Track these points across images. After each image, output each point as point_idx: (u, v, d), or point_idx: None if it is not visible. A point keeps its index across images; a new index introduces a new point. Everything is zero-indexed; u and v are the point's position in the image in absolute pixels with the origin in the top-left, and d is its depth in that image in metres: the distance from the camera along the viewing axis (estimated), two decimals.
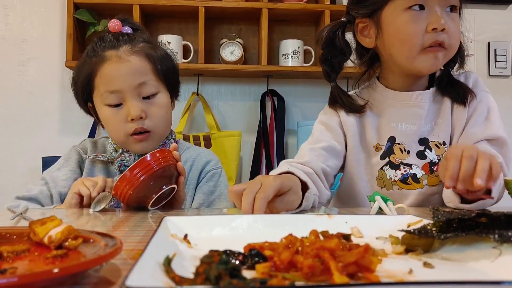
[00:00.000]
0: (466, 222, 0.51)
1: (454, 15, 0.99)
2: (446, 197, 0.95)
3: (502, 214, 0.50)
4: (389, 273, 0.42)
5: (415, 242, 0.51)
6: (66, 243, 0.47)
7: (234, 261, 0.44)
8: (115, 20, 1.13)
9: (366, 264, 0.40)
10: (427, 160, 1.06)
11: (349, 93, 1.14)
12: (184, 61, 2.07)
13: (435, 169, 1.05)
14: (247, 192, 0.74)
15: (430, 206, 1.00)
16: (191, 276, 0.39)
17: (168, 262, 0.40)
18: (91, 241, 0.48)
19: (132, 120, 1.06)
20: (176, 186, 0.93)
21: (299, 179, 0.87)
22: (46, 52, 2.15)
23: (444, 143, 1.06)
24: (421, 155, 1.06)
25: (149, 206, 0.89)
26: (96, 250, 0.45)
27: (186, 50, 2.10)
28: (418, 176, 1.05)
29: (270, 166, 2.12)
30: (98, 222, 0.78)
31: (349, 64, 1.17)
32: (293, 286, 0.36)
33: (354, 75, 1.17)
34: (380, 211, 0.84)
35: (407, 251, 0.51)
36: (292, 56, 2.08)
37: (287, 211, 0.83)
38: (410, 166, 1.06)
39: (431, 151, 1.06)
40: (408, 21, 0.97)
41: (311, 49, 2.13)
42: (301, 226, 0.56)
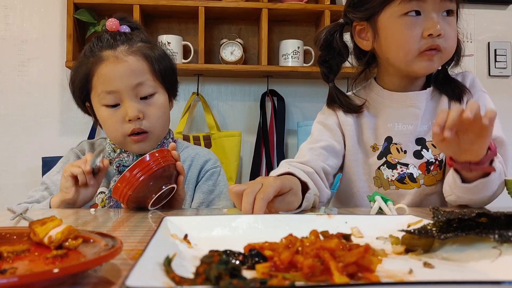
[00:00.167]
0: (466, 222, 0.51)
1: (451, 19, 0.99)
2: (447, 188, 0.95)
3: (502, 214, 0.50)
4: (389, 273, 0.42)
5: (415, 242, 0.51)
6: (66, 243, 0.47)
7: (234, 261, 0.44)
8: (113, 19, 1.12)
9: (366, 264, 0.40)
10: (424, 159, 1.06)
11: (347, 93, 1.15)
12: (184, 61, 2.06)
13: (432, 168, 1.05)
14: (248, 192, 0.74)
15: (427, 205, 1.01)
16: (191, 276, 0.39)
17: (168, 262, 0.40)
18: (91, 241, 0.48)
19: (129, 120, 1.06)
20: (175, 186, 0.93)
21: (300, 180, 0.87)
22: (46, 52, 2.15)
23: None
24: (417, 155, 1.06)
25: (149, 206, 0.89)
26: (96, 250, 0.45)
27: (186, 50, 2.10)
28: (415, 175, 1.06)
29: (270, 166, 2.12)
30: (98, 222, 0.78)
31: (348, 64, 1.17)
32: (293, 286, 0.36)
33: (354, 75, 1.18)
34: (380, 211, 0.84)
35: (407, 251, 0.51)
36: (292, 56, 2.08)
37: (287, 212, 0.83)
38: (407, 165, 1.06)
39: (428, 151, 1.06)
40: (404, 27, 0.97)
41: (311, 49, 2.13)
42: (301, 226, 0.56)
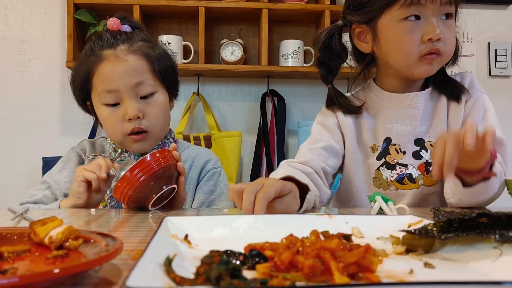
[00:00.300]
0: (467, 222, 0.51)
1: (450, 22, 0.99)
2: (448, 191, 0.95)
3: (503, 214, 0.50)
4: (389, 273, 0.42)
5: (416, 242, 0.51)
6: (67, 244, 0.47)
7: (234, 261, 0.44)
8: (114, 18, 1.12)
9: (366, 264, 0.40)
10: (423, 160, 1.06)
11: (345, 94, 1.15)
12: (184, 61, 2.07)
13: (431, 169, 1.05)
14: (248, 190, 0.74)
15: (426, 206, 1.01)
16: (192, 276, 0.39)
17: (168, 262, 0.40)
18: (92, 241, 0.48)
19: (129, 119, 1.06)
20: (176, 186, 0.93)
21: (300, 183, 0.87)
22: (46, 52, 2.15)
23: None
24: (416, 156, 1.06)
25: (149, 207, 0.89)
26: (96, 251, 0.45)
27: (187, 51, 2.10)
28: (414, 176, 1.06)
29: (270, 166, 2.12)
30: (98, 222, 0.78)
31: (346, 65, 1.17)
32: (293, 287, 0.36)
33: (354, 76, 1.17)
34: (380, 211, 0.84)
35: (408, 252, 0.51)
36: (292, 56, 2.08)
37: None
38: (406, 166, 1.06)
39: (427, 152, 1.06)
40: (404, 31, 0.97)
41: (311, 49, 2.13)
42: (301, 226, 0.56)
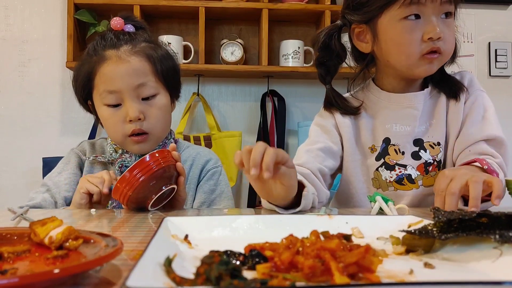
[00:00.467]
0: (467, 222, 0.51)
1: (449, 21, 0.99)
2: None
3: (503, 215, 0.50)
4: (389, 273, 0.42)
5: (416, 243, 0.51)
6: (67, 244, 0.47)
7: (234, 261, 0.44)
8: (118, 18, 1.12)
9: (366, 264, 0.40)
10: (422, 160, 1.06)
11: (344, 95, 1.15)
12: (184, 61, 2.06)
13: (430, 169, 1.06)
14: (258, 146, 0.73)
15: (425, 206, 1.01)
16: (192, 276, 0.39)
17: (168, 262, 0.40)
18: (92, 241, 0.48)
19: (130, 121, 1.06)
20: (176, 187, 0.93)
21: None
22: (46, 52, 2.15)
23: (439, 144, 1.06)
24: (416, 156, 1.06)
25: (149, 207, 0.89)
26: (96, 251, 0.45)
27: (187, 51, 2.10)
28: (413, 176, 1.06)
29: None
30: (98, 222, 0.78)
31: (345, 65, 1.17)
32: (293, 287, 0.36)
33: (354, 76, 1.17)
34: (380, 212, 0.84)
35: (408, 252, 0.51)
36: (292, 56, 2.08)
37: (286, 211, 0.83)
38: (405, 167, 1.06)
39: (426, 152, 1.06)
40: (404, 31, 0.97)
41: (312, 49, 2.12)
42: (301, 226, 0.57)
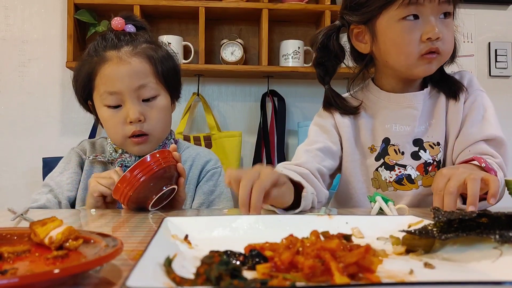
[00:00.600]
0: (467, 222, 0.51)
1: (448, 21, 0.99)
2: None
3: (503, 215, 0.50)
4: (389, 273, 0.42)
5: (416, 243, 0.51)
6: (67, 244, 0.47)
7: (234, 261, 0.44)
8: (119, 18, 1.11)
9: (366, 264, 0.40)
10: (422, 161, 1.06)
11: (344, 95, 1.15)
12: (184, 61, 2.06)
13: (430, 169, 1.06)
14: (245, 183, 0.74)
15: (425, 206, 1.01)
16: (192, 276, 0.39)
17: (168, 262, 0.40)
18: (92, 241, 0.48)
19: (130, 122, 1.06)
20: (176, 187, 0.93)
21: (293, 180, 0.87)
22: (46, 53, 2.15)
23: (438, 144, 1.06)
24: (415, 156, 1.06)
25: (149, 207, 0.89)
26: (96, 251, 0.45)
27: (187, 51, 2.10)
28: (413, 177, 1.06)
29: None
30: (98, 222, 0.78)
31: (344, 66, 1.17)
32: (293, 287, 0.36)
33: (353, 76, 1.17)
34: (380, 212, 0.84)
35: (408, 252, 0.51)
36: (292, 56, 2.08)
37: (284, 211, 0.83)
38: (404, 167, 1.06)
39: (426, 152, 1.06)
40: (403, 31, 0.97)
41: (312, 49, 2.12)
42: (301, 226, 0.56)
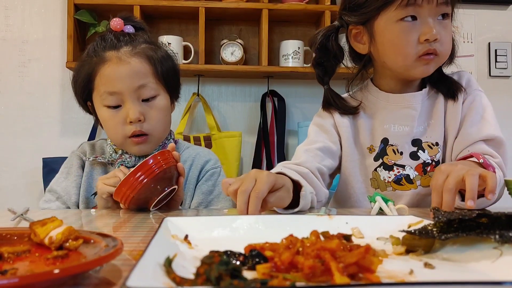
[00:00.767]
0: (467, 222, 0.51)
1: (446, 23, 0.99)
2: None
3: (503, 215, 0.50)
4: (389, 273, 0.42)
5: (416, 243, 0.51)
6: (67, 244, 0.47)
7: (234, 261, 0.44)
8: (117, 19, 1.11)
9: (366, 264, 0.40)
10: (420, 161, 1.06)
11: (343, 95, 1.15)
12: (184, 62, 2.07)
13: (428, 169, 1.06)
14: (242, 191, 0.74)
15: (424, 206, 1.01)
16: (192, 276, 0.39)
17: (168, 262, 0.40)
18: (92, 242, 0.48)
19: (130, 122, 1.06)
20: (176, 187, 0.93)
21: (291, 179, 0.87)
22: (46, 53, 2.15)
23: (437, 144, 1.06)
24: (414, 156, 1.06)
25: (150, 208, 0.90)
26: (96, 251, 0.45)
27: (187, 51, 2.10)
28: (412, 177, 1.06)
29: (270, 166, 2.12)
30: (99, 223, 0.78)
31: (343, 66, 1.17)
32: (293, 287, 0.36)
33: (352, 76, 1.17)
34: (380, 212, 0.84)
35: (408, 252, 0.51)
36: (292, 56, 2.08)
37: (283, 211, 0.83)
38: (403, 167, 1.06)
39: (424, 152, 1.06)
40: (401, 32, 0.97)
41: None
42: (301, 226, 0.56)
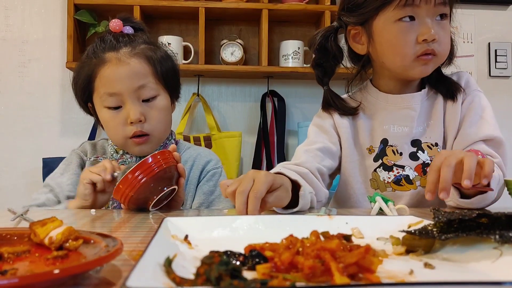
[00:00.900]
0: (467, 222, 0.51)
1: (444, 23, 0.99)
2: None
3: (503, 215, 0.50)
4: (390, 273, 0.42)
5: (416, 243, 0.51)
6: (67, 244, 0.47)
7: (234, 262, 0.44)
8: (116, 20, 1.12)
9: (366, 264, 0.40)
10: (420, 161, 1.06)
11: (342, 96, 1.15)
12: (184, 62, 2.07)
13: (428, 170, 1.05)
14: (240, 192, 0.74)
15: (423, 207, 1.01)
16: (192, 277, 0.39)
17: (168, 263, 0.40)
18: (92, 242, 0.48)
19: (131, 123, 1.06)
20: (176, 187, 0.93)
21: (290, 179, 0.87)
22: (46, 53, 2.15)
23: (436, 144, 1.06)
24: (413, 157, 1.06)
25: (150, 208, 0.89)
26: (96, 251, 0.45)
27: (187, 51, 2.10)
28: (411, 177, 1.06)
29: (270, 166, 2.12)
30: (99, 223, 0.78)
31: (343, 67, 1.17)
32: (293, 287, 0.36)
33: (352, 77, 1.17)
34: (380, 212, 0.84)
35: (408, 252, 0.51)
36: (292, 57, 2.09)
37: (282, 211, 0.83)
38: (403, 167, 1.06)
39: (424, 152, 1.06)
40: (399, 32, 0.97)
41: None
42: (301, 227, 0.56)
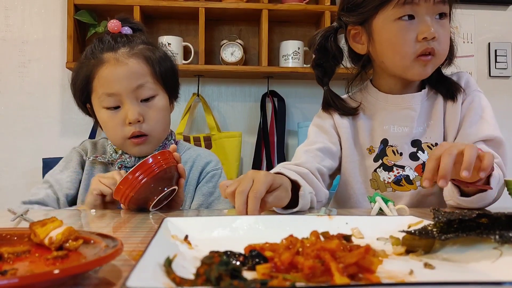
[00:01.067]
0: (467, 222, 0.51)
1: (444, 22, 0.99)
2: (446, 194, 0.95)
3: (503, 215, 0.50)
4: (389, 274, 0.42)
5: (416, 243, 0.51)
6: (67, 244, 0.47)
7: (234, 262, 0.44)
8: (115, 20, 1.12)
9: (366, 265, 0.40)
10: (420, 161, 1.06)
11: (342, 96, 1.15)
12: (184, 62, 2.07)
13: (427, 159, 1.05)
14: (239, 192, 0.74)
15: (424, 207, 1.01)
16: (192, 277, 0.39)
17: (168, 263, 0.40)
18: (92, 242, 0.48)
19: (129, 123, 1.06)
20: (176, 188, 0.93)
21: (290, 179, 0.87)
22: (46, 53, 2.15)
23: (436, 145, 1.06)
24: (413, 157, 1.06)
25: (150, 208, 0.89)
26: (96, 251, 0.45)
27: (187, 51, 2.10)
28: (411, 177, 1.06)
29: (270, 167, 2.12)
30: (99, 223, 0.78)
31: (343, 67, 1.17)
32: (293, 287, 0.36)
33: (352, 77, 1.17)
34: (380, 212, 0.84)
35: (408, 252, 0.51)
36: (292, 57, 2.09)
37: (282, 211, 0.83)
38: (403, 168, 1.06)
39: (424, 153, 1.06)
40: (398, 31, 0.97)
41: None
42: (301, 227, 0.56)
